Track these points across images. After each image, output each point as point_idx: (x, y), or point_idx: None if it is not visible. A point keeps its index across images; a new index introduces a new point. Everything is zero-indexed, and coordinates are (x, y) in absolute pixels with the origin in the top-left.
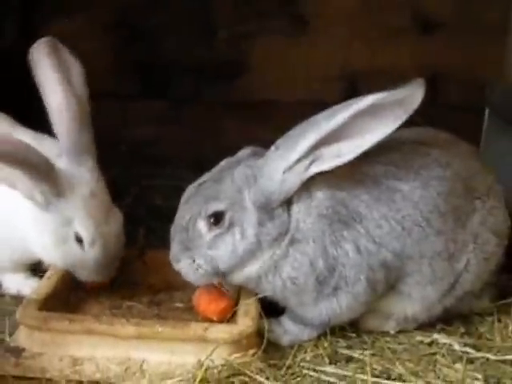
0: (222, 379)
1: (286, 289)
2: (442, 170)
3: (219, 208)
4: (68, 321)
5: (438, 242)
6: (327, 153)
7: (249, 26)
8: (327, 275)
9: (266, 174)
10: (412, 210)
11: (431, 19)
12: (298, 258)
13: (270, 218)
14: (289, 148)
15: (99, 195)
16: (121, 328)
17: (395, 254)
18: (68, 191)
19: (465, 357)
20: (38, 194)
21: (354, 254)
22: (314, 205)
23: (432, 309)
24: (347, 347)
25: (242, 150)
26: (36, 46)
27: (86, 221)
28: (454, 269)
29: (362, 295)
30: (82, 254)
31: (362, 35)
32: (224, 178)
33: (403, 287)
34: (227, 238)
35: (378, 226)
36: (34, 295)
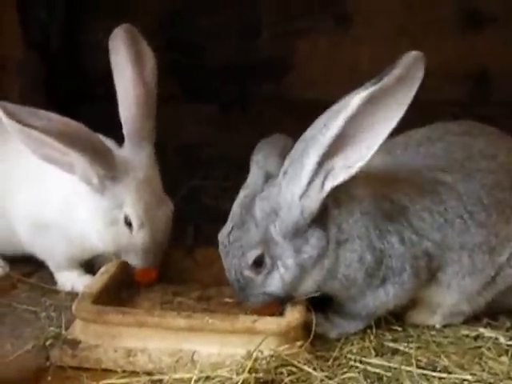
0: (271, 369)
1: (341, 286)
2: (486, 162)
3: (256, 255)
4: (121, 314)
5: (479, 235)
6: (335, 165)
7: (293, 25)
8: (375, 267)
9: (284, 206)
10: (455, 201)
11: (479, 13)
12: (347, 256)
13: (304, 241)
14: (297, 172)
15: (152, 181)
16: (172, 320)
17: (436, 243)
18: (123, 175)
19: (511, 350)
20: (95, 177)
21: (398, 246)
22: (355, 204)
23: (472, 301)
24: (393, 340)
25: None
26: (115, 33)
27: (137, 204)
28: (495, 262)
29: (408, 283)
30: (130, 238)
31: (406, 31)
32: (247, 223)
33: (443, 277)
34: (274, 274)
35: (421, 218)
36: (88, 290)
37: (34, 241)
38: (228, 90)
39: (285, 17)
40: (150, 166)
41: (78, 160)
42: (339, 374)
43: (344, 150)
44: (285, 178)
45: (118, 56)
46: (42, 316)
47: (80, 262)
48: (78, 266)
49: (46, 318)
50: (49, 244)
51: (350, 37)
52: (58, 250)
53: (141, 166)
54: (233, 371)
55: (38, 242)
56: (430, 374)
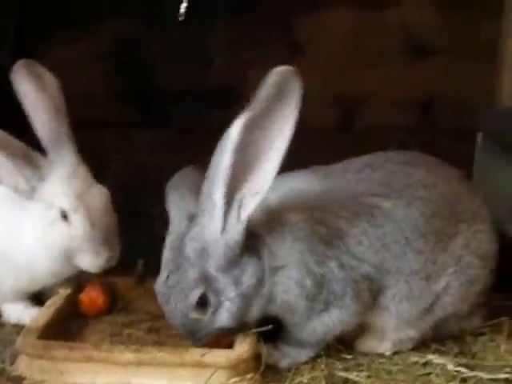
0: None
1: (282, 311)
2: (426, 191)
3: (198, 294)
4: (68, 349)
5: (416, 261)
6: (244, 194)
7: (244, 54)
8: (316, 292)
9: (211, 242)
10: (392, 227)
11: (424, 45)
12: (284, 282)
13: (241, 272)
14: (211, 209)
15: (79, 173)
16: (120, 355)
17: (375, 267)
18: (49, 174)
19: (459, 376)
20: (22, 180)
21: (338, 270)
22: (288, 230)
23: (415, 326)
24: (343, 369)
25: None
26: (14, 69)
27: (67, 194)
28: (432, 290)
29: (351, 306)
30: (71, 232)
31: (356, 61)
32: (182, 265)
33: (383, 300)
34: (220, 310)
35: (359, 242)
36: (34, 324)
37: None
38: (178, 116)
39: (236, 45)
40: (74, 161)
41: (4, 165)
42: None
43: (246, 178)
44: (203, 215)
45: (21, 86)
46: None
47: (27, 293)
48: (25, 298)
49: None
50: None
51: (300, 66)
52: (4, 282)
53: (65, 164)
54: None
55: None
56: None
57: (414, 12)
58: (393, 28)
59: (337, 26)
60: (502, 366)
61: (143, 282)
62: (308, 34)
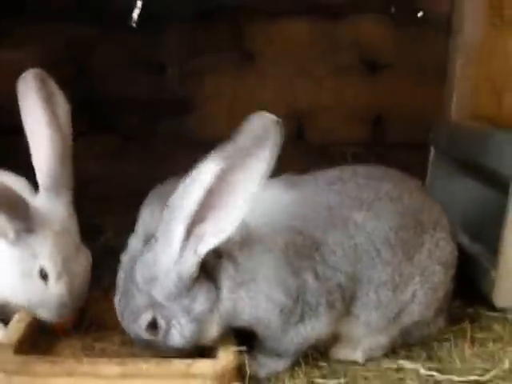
0: None
1: (253, 325)
2: (392, 203)
3: (148, 318)
4: (49, 363)
5: (384, 272)
6: (206, 231)
7: (197, 63)
8: (292, 306)
9: (161, 272)
10: (364, 239)
11: (376, 60)
12: (252, 297)
13: (191, 300)
14: (167, 239)
15: (69, 232)
16: (104, 367)
17: (348, 276)
18: (39, 226)
19: (431, 380)
20: (11, 231)
21: (313, 281)
22: (257, 242)
23: (384, 333)
24: (321, 376)
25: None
26: (23, 77)
27: (55, 256)
28: (399, 300)
29: (325, 316)
30: (45, 291)
31: (309, 73)
32: (130, 289)
33: (354, 309)
34: (172, 332)
35: (333, 252)
36: (7, 340)
37: None
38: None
39: (190, 54)
40: (66, 217)
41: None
42: None
43: (212, 215)
44: (158, 244)
45: (27, 100)
46: None
47: None
48: None
49: None
50: None
51: (253, 76)
52: None
53: (57, 217)
54: None
55: None
56: None
57: (368, 28)
58: (346, 42)
59: (291, 37)
60: (470, 368)
61: (109, 294)
62: (261, 44)
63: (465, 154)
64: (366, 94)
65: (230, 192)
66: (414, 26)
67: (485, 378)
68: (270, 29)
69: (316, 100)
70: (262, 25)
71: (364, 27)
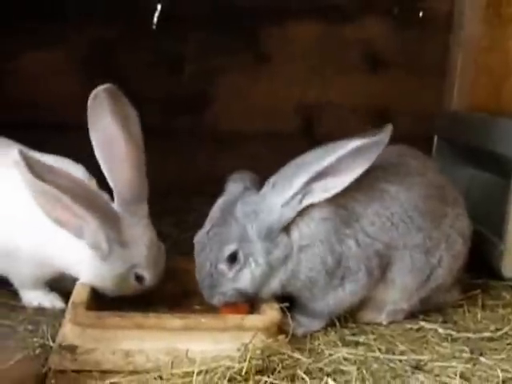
0: (264, 358)
1: (303, 286)
2: (420, 177)
3: (232, 250)
4: (119, 317)
5: (417, 237)
6: (316, 188)
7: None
8: (335, 268)
9: (266, 210)
10: (398, 208)
11: (381, 58)
12: (310, 260)
13: (274, 245)
14: (284, 186)
15: (154, 240)
16: (168, 321)
17: (385, 244)
18: (130, 240)
19: (449, 337)
20: (104, 242)
21: (355, 248)
22: (315, 211)
23: (410, 298)
24: (352, 335)
25: (230, 184)
26: (96, 93)
27: (149, 266)
28: (430, 262)
29: (362, 281)
30: (140, 287)
31: (318, 72)
32: (227, 220)
33: (389, 274)
34: (245, 270)
35: (372, 223)
36: (78, 299)
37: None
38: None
39: (207, 54)
40: (149, 226)
41: (89, 223)
42: (322, 359)
43: (325, 178)
44: (272, 188)
45: (99, 117)
46: (20, 329)
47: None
48: (44, 284)
49: (24, 330)
50: (18, 264)
51: (266, 74)
52: (27, 270)
53: (143, 229)
54: (234, 361)
55: (6, 261)
56: (391, 358)
57: (372, 28)
58: (352, 42)
59: (301, 38)
60: (483, 328)
61: None
62: (274, 45)
63: (468, 141)
64: (371, 91)
65: (346, 167)
66: (415, 25)
67: (497, 334)
68: (283, 30)
69: (324, 97)
70: (274, 27)
71: (369, 28)
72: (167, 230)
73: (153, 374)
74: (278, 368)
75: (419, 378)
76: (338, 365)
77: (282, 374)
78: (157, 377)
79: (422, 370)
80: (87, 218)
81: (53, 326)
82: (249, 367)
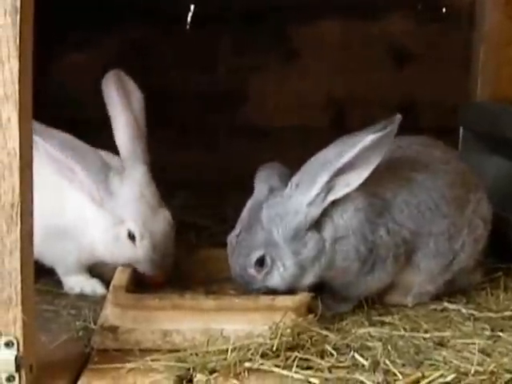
0: (295, 336)
1: (337, 275)
2: (444, 165)
3: (259, 255)
4: (157, 298)
5: (442, 224)
6: (338, 184)
7: (246, 59)
8: (367, 256)
9: (291, 211)
10: (426, 196)
11: (405, 52)
12: (344, 250)
13: (302, 245)
14: (308, 186)
15: (147, 197)
16: (204, 302)
17: (411, 231)
18: (121, 193)
19: (471, 317)
20: (94, 190)
21: (385, 236)
22: (349, 202)
23: (435, 281)
24: (378, 315)
25: (258, 181)
26: (106, 77)
27: (136, 219)
28: (452, 248)
29: (390, 267)
30: (134, 250)
31: (345, 67)
32: (254, 226)
33: (415, 259)
34: (274, 273)
35: (400, 210)
36: (118, 283)
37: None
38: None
39: (238, 53)
40: (144, 183)
41: (79, 175)
42: (348, 336)
43: (346, 172)
44: (296, 189)
45: (109, 95)
46: (63, 313)
47: (86, 267)
48: (85, 271)
49: (68, 315)
50: (60, 251)
51: (296, 71)
52: (69, 257)
53: (134, 184)
54: (266, 338)
55: (50, 248)
56: (415, 335)
57: (396, 24)
58: (377, 38)
59: (328, 35)
60: (505, 309)
61: (193, 251)
62: (302, 43)
63: (493, 131)
64: (397, 85)
65: (365, 159)
66: (439, 19)
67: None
68: (311, 28)
69: (352, 91)
70: (303, 24)
71: (394, 23)
72: (203, 222)
73: (190, 352)
74: (307, 344)
75: (442, 353)
76: (365, 341)
77: (311, 350)
78: (193, 354)
79: (444, 347)
80: (81, 169)
81: (94, 310)
82: (279, 344)
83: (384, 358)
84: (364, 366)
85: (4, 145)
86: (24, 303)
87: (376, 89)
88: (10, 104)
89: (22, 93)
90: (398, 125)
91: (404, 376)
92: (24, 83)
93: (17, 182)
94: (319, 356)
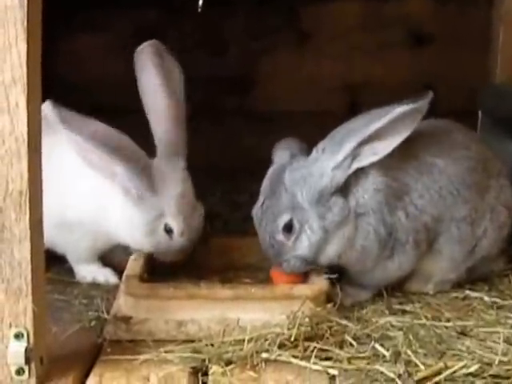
0: (313, 325)
1: (357, 256)
2: (465, 150)
3: (286, 220)
4: (172, 288)
5: (464, 209)
6: (364, 152)
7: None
8: (387, 239)
9: (316, 174)
10: (446, 181)
11: (423, 33)
12: (365, 228)
13: (327, 209)
14: (334, 150)
15: (188, 192)
16: (219, 291)
17: (433, 217)
18: (161, 188)
19: (494, 305)
20: (133, 188)
21: (404, 220)
22: (370, 182)
23: (457, 268)
24: (399, 304)
25: (278, 152)
26: (141, 49)
27: (177, 216)
28: (475, 234)
29: (410, 254)
30: (170, 242)
31: (361, 49)
32: (277, 190)
33: (436, 246)
34: (302, 237)
35: (421, 196)
36: (131, 272)
37: (56, 236)
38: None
39: (250, 36)
40: (184, 178)
41: (119, 170)
42: (369, 325)
43: (373, 142)
44: (322, 153)
45: (144, 70)
46: (75, 303)
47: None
48: (97, 259)
49: (79, 304)
50: (73, 240)
51: (309, 53)
52: (82, 245)
53: (176, 179)
54: (283, 328)
55: (62, 237)
56: (437, 324)
57: (413, 4)
58: (394, 19)
59: (342, 16)
60: None
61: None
62: (316, 24)
63: None
64: (415, 67)
65: (393, 131)
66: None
67: None
68: (323, 8)
69: (367, 74)
70: (315, 5)
71: (411, 3)
72: (216, 209)
73: (205, 342)
74: (326, 334)
75: (464, 343)
76: (385, 331)
77: (330, 340)
78: (209, 344)
79: (467, 336)
80: (117, 165)
81: (107, 299)
82: (298, 334)
83: (405, 348)
84: (385, 357)
85: (12, 130)
86: (34, 293)
87: (393, 71)
88: (17, 88)
89: (31, 77)
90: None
91: (426, 367)
92: (32, 67)
93: (25, 168)
94: (338, 346)
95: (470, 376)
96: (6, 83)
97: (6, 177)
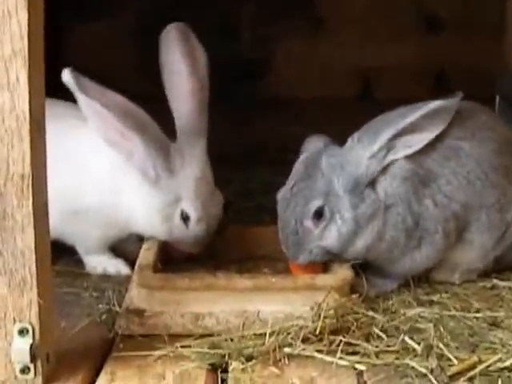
0: (338, 317)
1: (386, 247)
2: (490, 132)
3: (318, 205)
4: (188, 279)
5: (492, 195)
6: (399, 144)
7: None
8: (414, 229)
9: (353, 162)
10: (474, 165)
11: (436, 19)
12: (394, 219)
13: (360, 200)
14: (370, 140)
15: (207, 177)
16: (239, 281)
17: (462, 205)
18: (179, 170)
19: None
20: (151, 168)
21: (432, 208)
22: (397, 170)
23: (487, 256)
24: (426, 294)
25: (309, 143)
26: (167, 30)
27: (195, 201)
28: (504, 219)
29: (439, 244)
30: (185, 231)
31: (374, 34)
32: (313, 174)
33: (466, 235)
34: (332, 227)
35: (449, 182)
36: (144, 262)
37: (65, 226)
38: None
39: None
40: (204, 161)
41: (137, 147)
42: (397, 317)
43: (408, 134)
44: (357, 143)
45: (169, 52)
46: (85, 296)
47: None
48: (107, 250)
49: (90, 297)
50: (83, 229)
51: (322, 39)
52: (93, 234)
53: (196, 162)
54: (307, 320)
55: (71, 225)
56: (467, 316)
57: None
58: (406, 4)
59: (355, 2)
60: None
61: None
62: (328, 9)
63: None
64: (428, 52)
65: (427, 125)
66: None
67: None
68: None
69: (380, 59)
70: None
71: None
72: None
73: (224, 337)
74: (352, 327)
75: (497, 335)
76: (415, 323)
77: (356, 333)
78: (228, 339)
79: (499, 327)
80: (135, 140)
81: (118, 291)
82: (323, 326)
83: (437, 342)
84: (415, 351)
85: (12, 108)
86: (40, 285)
87: (406, 57)
88: (18, 61)
89: (33, 49)
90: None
91: (459, 361)
92: (34, 38)
93: (27, 150)
94: (365, 340)
95: (505, 370)
96: (6, 56)
97: (7, 159)
